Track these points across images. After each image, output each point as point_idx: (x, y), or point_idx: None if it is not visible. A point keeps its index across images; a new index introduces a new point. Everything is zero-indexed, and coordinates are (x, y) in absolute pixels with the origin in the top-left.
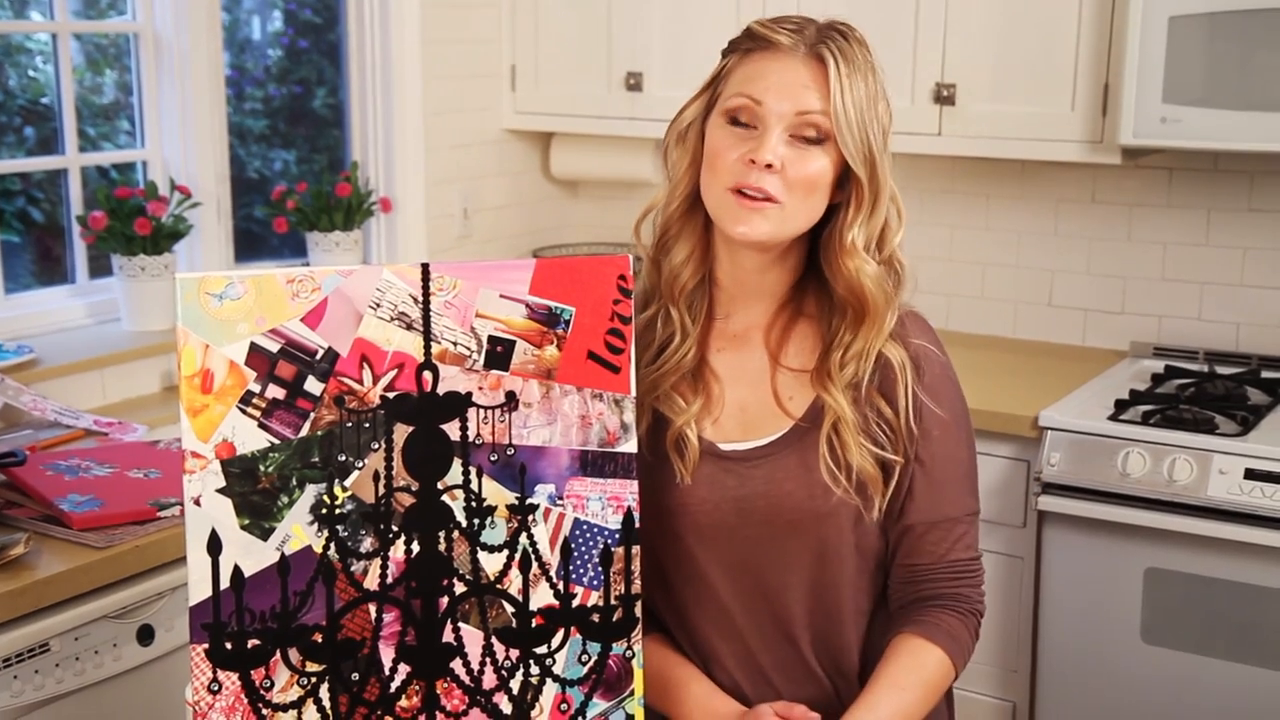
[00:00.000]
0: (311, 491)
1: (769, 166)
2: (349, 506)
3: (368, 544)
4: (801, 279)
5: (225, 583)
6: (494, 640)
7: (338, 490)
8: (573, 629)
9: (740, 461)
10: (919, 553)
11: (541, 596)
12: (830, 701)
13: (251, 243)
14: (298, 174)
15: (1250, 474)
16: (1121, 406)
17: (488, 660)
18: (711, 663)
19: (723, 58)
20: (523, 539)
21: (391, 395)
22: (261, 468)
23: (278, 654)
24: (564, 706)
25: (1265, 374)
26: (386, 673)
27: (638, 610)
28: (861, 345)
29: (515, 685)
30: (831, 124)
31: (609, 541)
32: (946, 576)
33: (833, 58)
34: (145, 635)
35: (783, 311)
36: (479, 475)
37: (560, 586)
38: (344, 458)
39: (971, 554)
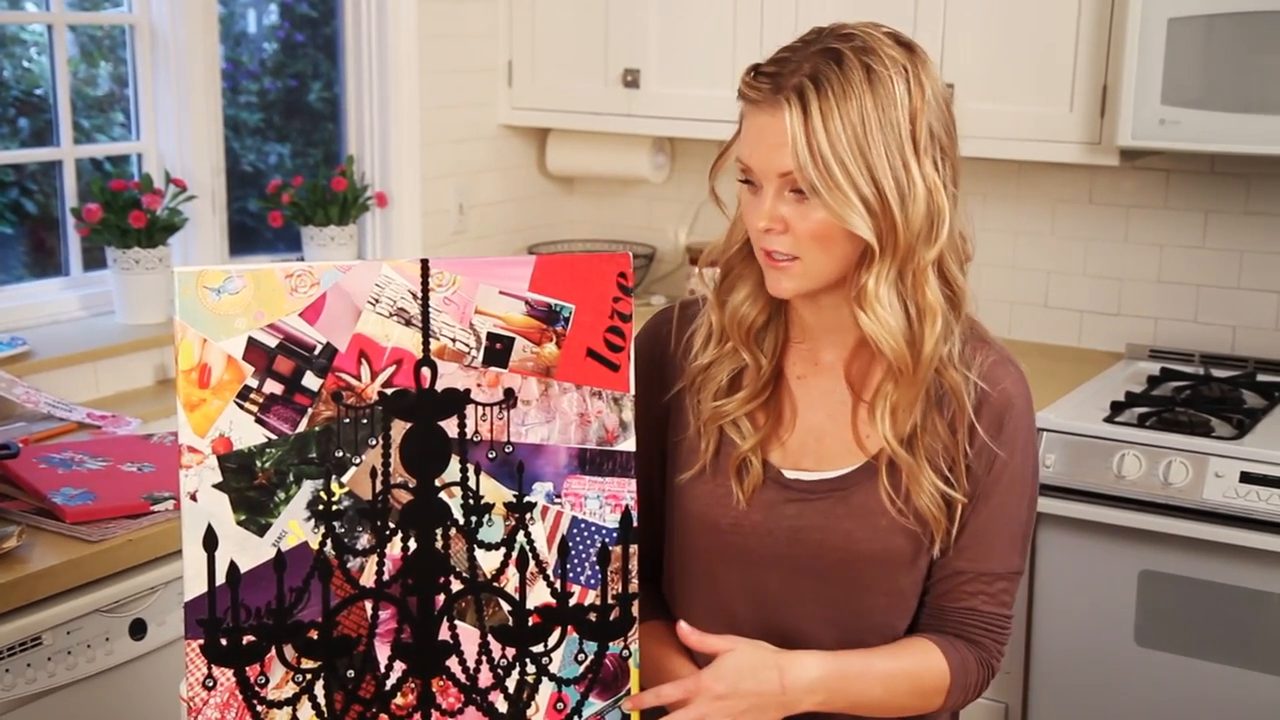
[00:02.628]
0: (308, 487)
1: (768, 230)
2: (346, 503)
3: (364, 541)
4: None
5: (221, 578)
6: (490, 638)
7: (335, 486)
8: (569, 628)
9: (804, 492)
10: (953, 597)
11: (538, 595)
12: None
13: (245, 236)
14: (292, 168)
15: (1246, 477)
16: (1117, 409)
17: (484, 658)
18: None
19: None
20: (520, 537)
21: (389, 391)
22: (258, 463)
23: (273, 650)
24: (560, 705)
25: (1261, 377)
26: (382, 670)
27: (635, 610)
28: (898, 400)
29: (511, 684)
30: (802, 182)
31: (607, 540)
32: (974, 626)
33: (800, 105)
34: (137, 630)
35: (866, 343)
36: (477, 473)
37: (557, 585)
38: (341, 454)
39: (1005, 611)
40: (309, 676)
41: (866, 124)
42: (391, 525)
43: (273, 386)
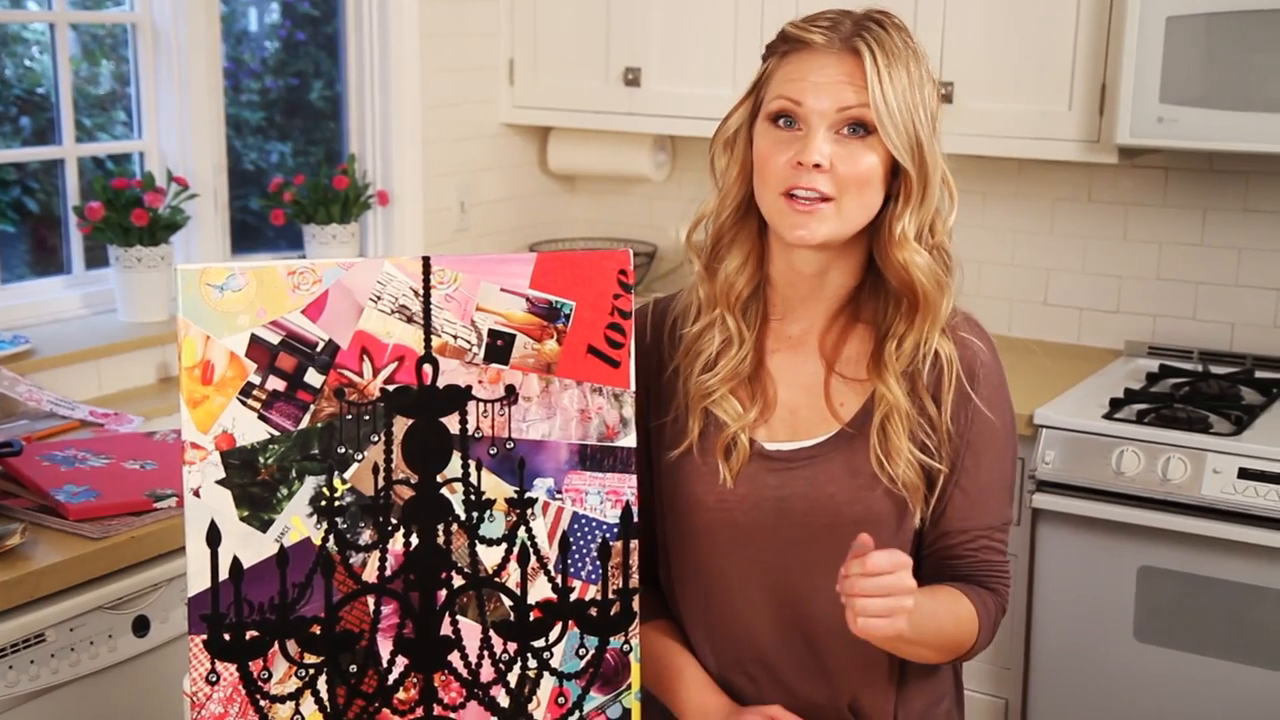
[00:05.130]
0: (311, 483)
1: (817, 166)
2: (348, 499)
3: (367, 536)
4: (860, 282)
5: (224, 574)
6: (492, 633)
7: (337, 482)
8: (570, 622)
9: (784, 462)
10: (959, 553)
11: (539, 590)
12: (841, 712)
13: (247, 234)
14: (293, 166)
15: (1244, 473)
16: (1116, 405)
17: (485, 653)
18: (730, 660)
19: (762, 62)
20: (521, 532)
21: (391, 388)
22: (261, 459)
23: (276, 645)
24: (561, 700)
25: (1259, 374)
26: (384, 665)
27: (635, 604)
28: (916, 336)
29: (513, 678)
30: (874, 117)
31: (607, 535)
32: (986, 575)
33: (869, 50)
34: (140, 626)
35: (839, 316)
36: (478, 468)
37: (558, 580)
38: (343, 450)
39: (1005, 556)
40: (312, 671)
41: (911, 84)
42: (394, 521)
43: (275, 383)
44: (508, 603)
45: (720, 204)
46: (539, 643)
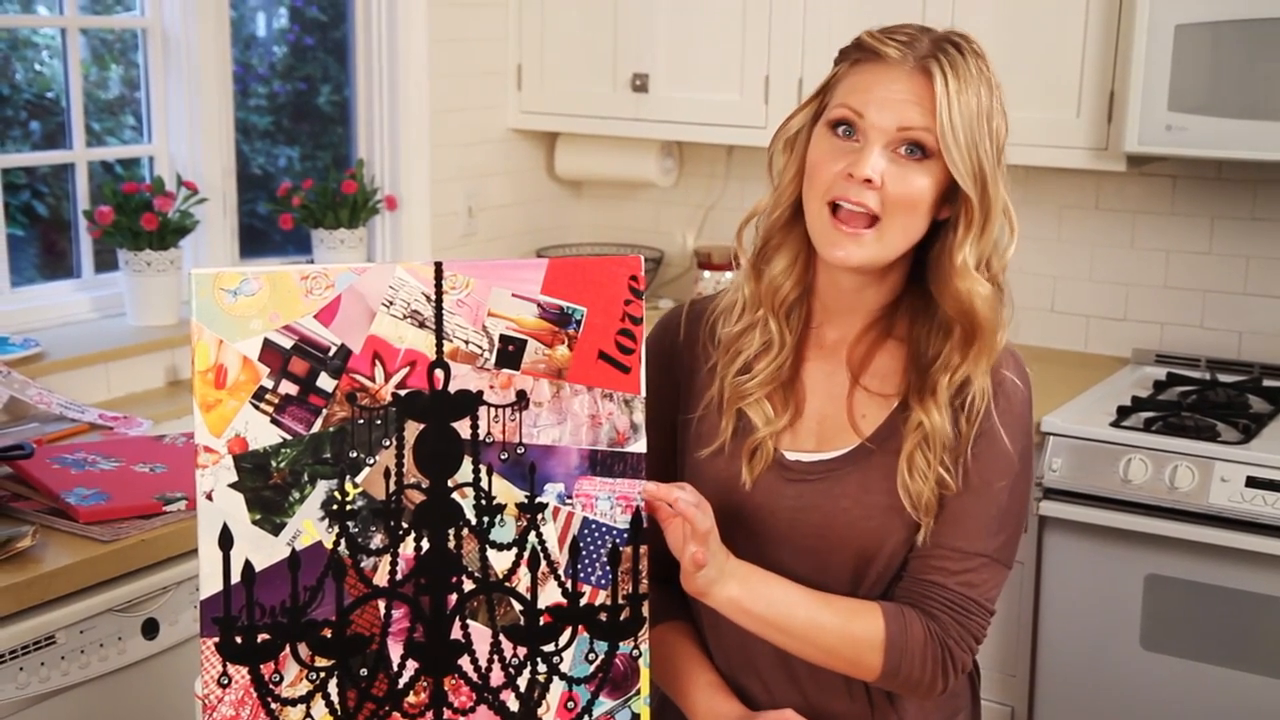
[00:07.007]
0: (323, 487)
1: (868, 181)
2: (360, 503)
3: (378, 540)
4: (897, 298)
5: (236, 577)
6: (502, 638)
7: (349, 486)
8: (580, 627)
9: (802, 473)
10: (918, 569)
11: (549, 595)
12: (862, 715)
13: (255, 239)
14: (301, 171)
15: (1252, 482)
16: (1123, 413)
17: (495, 658)
18: (742, 660)
19: (834, 65)
20: (531, 537)
21: (403, 393)
22: (273, 463)
23: (287, 648)
24: (570, 704)
25: (1267, 382)
26: (395, 669)
27: (645, 610)
28: (970, 369)
29: (522, 683)
30: (936, 140)
31: (617, 541)
32: (934, 600)
33: (941, 72)
34: (150, 629)
35: (871, 330)
36: (489, 473)
37: (568, 585)
38: (355, 454)
39: (971, 594)
40: (323, 674)
41: (980, 112)
42: (405, 525)
43: (288, 387)
44: (518, 607)
45: (774, 204)
46: (549, 647)
